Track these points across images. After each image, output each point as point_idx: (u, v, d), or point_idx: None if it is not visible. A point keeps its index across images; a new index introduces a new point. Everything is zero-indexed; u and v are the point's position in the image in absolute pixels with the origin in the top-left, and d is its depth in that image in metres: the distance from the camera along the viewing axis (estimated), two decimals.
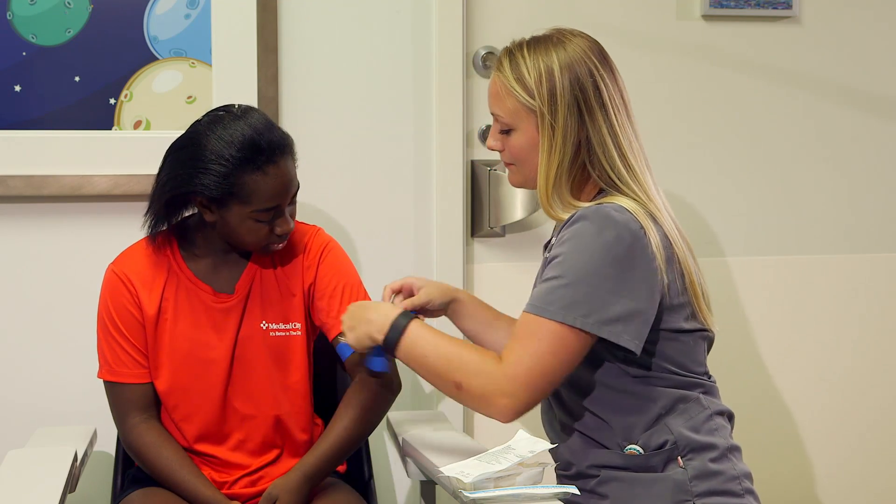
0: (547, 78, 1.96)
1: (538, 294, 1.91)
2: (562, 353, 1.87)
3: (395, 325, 1.94)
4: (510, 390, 1.86)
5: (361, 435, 2.16)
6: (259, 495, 2.15)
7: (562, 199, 1.97)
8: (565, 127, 1.95)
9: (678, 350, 1.96)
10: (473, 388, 1.88)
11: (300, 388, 2.20)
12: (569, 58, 1.97)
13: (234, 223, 2.09)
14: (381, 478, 2.59)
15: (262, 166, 2.05)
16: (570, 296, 1.86)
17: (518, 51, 2.00)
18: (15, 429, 2.48)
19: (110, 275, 2.17)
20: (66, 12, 2.47)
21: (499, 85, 2.01)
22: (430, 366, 1.92)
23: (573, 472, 2.01)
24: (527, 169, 2.02)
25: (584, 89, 1.95)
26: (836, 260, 2.92)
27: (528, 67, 1.97)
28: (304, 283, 2.20)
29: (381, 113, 2.64)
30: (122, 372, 2.15)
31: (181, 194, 2.08)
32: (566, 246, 1.90)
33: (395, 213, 2.67)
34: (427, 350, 1.92)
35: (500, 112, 2.01)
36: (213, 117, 2.09)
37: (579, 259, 1.88)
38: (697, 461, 1.93)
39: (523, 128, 1.99)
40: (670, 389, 1.95)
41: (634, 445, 1.94)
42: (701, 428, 1.95)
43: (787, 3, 2.82)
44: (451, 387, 1.91)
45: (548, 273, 1.92)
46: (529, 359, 1.86)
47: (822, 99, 2.88)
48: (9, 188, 2.47)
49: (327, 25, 2.60)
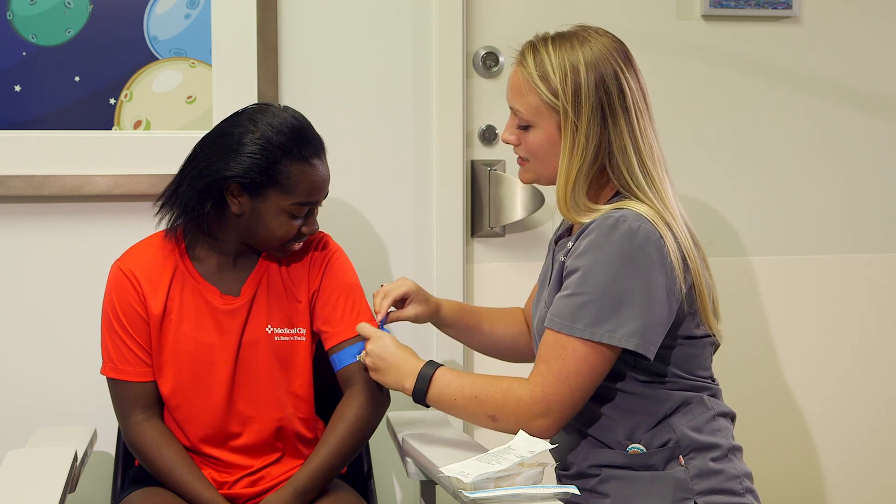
0: (572, 77, 1.92)
1: (562, 311, 1.89)
2: (587, 369, 1.88)
3: (421, 377, 1.99)
4: (541, 411, 1.89)
5: (353, 449, 2.15)
6: (259, 495, 2.15)
7: (579, 202, 1.95)
8: (588, 129, 1.92)
9: (687, 356, 1.96)
10: (508, 418, 1.92)
11: (303, 393, 2.20)
12: (594, 57, 1.94)
13: (268, 215, 2.08)
14: (381, 478, 2.59)
15: (308, 158, 2.08)
16: (596, 312, 1.86)
17: (542, 46, 1.97)
18: (15, 429, 2.48)
19: (116, 272, 2.17)
20: (66, 12, 2.47)
21: (521, 79, 1.97)
22: (462, 408, 1.98)
23: (573, 471, 2.01)
24: (542, 166, 2.00)
25: (609, 91, 1.92)
26: (836, 260, 2.92)
27: (552, 64, 1.94)
28: (310, 288, 2.20)
29: (381, 113, 2.64)
30: (126, 370, 2.15)
31: (216, 181, 2.07)
32: (586, 259, 1.88)
33: (395, 213, 2.67)
34: (455, 394, 1.97)
35: (519, 107, 1.98)
36: (258, 107, 2.12)
37: (601, 273, 1.87)
38: (699, 460, 1.93)
39: (543, 126, 1.96)
40: (677, 392, 1.95)
41: (637, 444, 1.95)
42: (704, 428, 1.95)
43: (787, 3, 2.82)
44: (488, 420, 1.95)
45: (569, 288, 1.90)
46: (556, 380, 1.88)
47: (822, 99, 2.88)
48: (9, 188, 2.47)
49: (327, 25, 2.60)
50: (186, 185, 2.10)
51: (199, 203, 2.09)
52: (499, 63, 2.71)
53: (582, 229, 1.94)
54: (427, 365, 2.00)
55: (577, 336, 1.86)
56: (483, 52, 2.70)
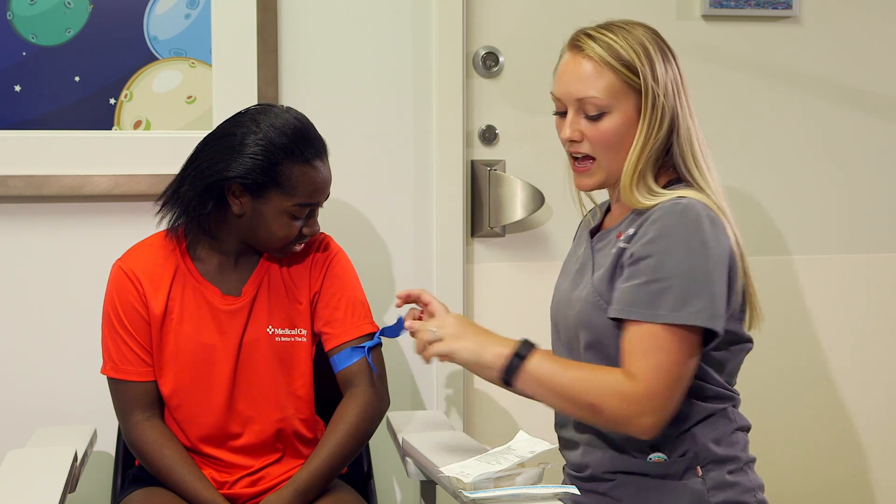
0: (644, 54, 1.90)
1: (640, 300, 1.83)
2: (687, 356, 1.83)
3: (519, 350, 1.88)
4: (652, 408, 1.82)
5: (353, 450, 2.15)
6: (259, 495, 2.15)
7: (646, 184, 1.90)
8: (664, 105, 1.89)
9: (727, 359, 1.94)
10: (613, 409, 1.82)
11: (304, 394, 2.20)
12: (651, 37, 1.93)
13: (269, 215, 2.08)
14: (381, 478, 2.59)
15: (310, 159, 2.08)
16: (678, 296, 1.81)
17: (597, 32, 1.93)
18: (15, 429, 2.48)
19: (117, 271, 2.17)
20: (66, 12, 2.47)
21: (590, 65, 1.91)
22: (560, 388, 1.85)
23: (587, 474, 1.98)
24: (614, 158, 1.93)
25: (674, 69, 1.92)
26: (835, 260, 2.92)
27: (621, 45, 1.90)
28: (311, 290, 2.20)
29: (381, 113, 2.64)
30: (127, 370, 2.15)
31: (218, 182, 2.07)
32: (658, 245, 1.84)
33: (395, 212, 2.67)
34: (555, 372, 1.86)
35: (595, 93, 1.90)
36: (261, 108, 2.13)
37: (677, 258, 1.82)
38: (716, 472, 1.91)
39: (622, 108, 1.91)
40: (705, 403, 1.91)
41: (660, 453, 1.92)
42: (724, 440, 1.93)
43: (787, 3, 2.82)
44: (585, 409, 1.85)
45: (642, 275, 1.84)
46: (660, 372, 1.81)
47: (822, 99, 2.88)
48: (9, 188, 2.47)
49: (327, 25, 2.60)
50: (188, 185, 2.10)
51: (201, 203, 2.09)
52: (499, 63, 2.71)
53: (642, 216, 1.89)
54: (524, 341, 1.89)
55: (662, 322, 1.81)
56: (483, 52, 2.70)
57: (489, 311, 2.74)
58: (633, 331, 1.84)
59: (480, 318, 2.72)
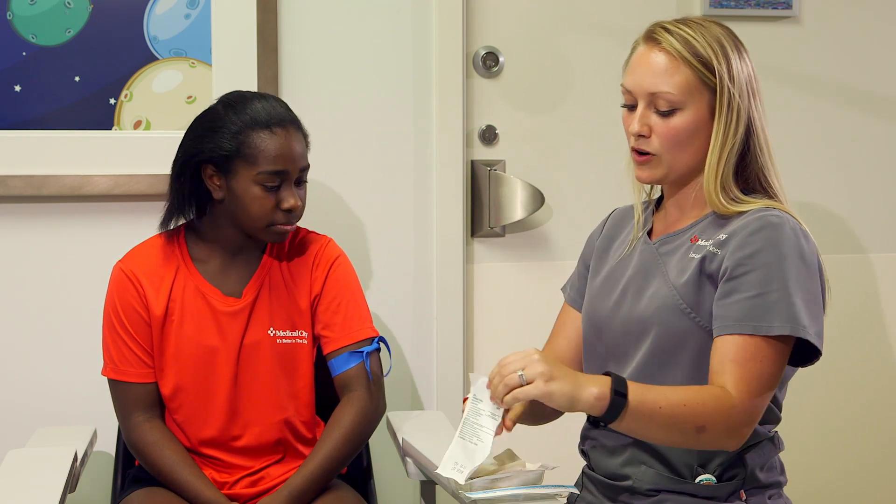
0: (721, 51, 1.83)
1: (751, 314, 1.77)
2: (777, 369, 1.79)
3: (618, 381, 1.73)
4: (749, 420, 1.77)
5: (349, 454, 2.16)
6: (259, 495, 2.15)
7: (731, 189, 1.86)
8: (739, 106, 1.83)
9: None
10: (718, 428, 1.75)
11: (304, 395, 2.20)
12: (727, 34, 1.87)
13: (241, 191, 2.09)
14: (381, 478, 2.59)
15: (270, 126, 2.10)
16: (787, 308, 1.77)
17: (674, 27, 1.86)
18: (15, 429, 2.48)
19: (118, 273, 2.17)
20: (66, 12, 2.47)
21: (666, 59, 1.84)
22: (667, 416, 1.74)
23: (626, 483, 1.91)
24: (679, 157, 1.86)
25: (749, 69, 1.86)
26: (835, 260, 2.92)
27: (698, 41, 1.84)
28: (312, 292, 2.20)
29: (381, 113, 2.64)
30: (128, 371, 2.15)
31: (190, 162, 2.11)
32: (762, 257, 1.79)
33: (395, 213, 2.67)
34: (659, 400, 1.74)
35: (669, 88, 1.83)
36: (234, 93, 2.17)
37: (782, 269, 1.78)
38: (758, 497, 1.87)
39: (695, 106, 1.84)
40: (760, 426, 1.85)
41: (709, 475, 1.86)
42: (767, 466, 1.89)
43: (787, 3, 2.82)
44: (692, 432, 1.75)
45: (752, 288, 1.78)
46: (759, 383, 1.76)
47: (822, 99, 2.88)
48: (9, 188, 2.47)
49: (327, 25, 2.60)
50: (173, 179, 2.14)
51: (188, 194, 2.13)
52: (499, 63, 2.71)
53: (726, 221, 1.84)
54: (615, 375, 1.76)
55: (775, 335, 1.76)
56: (483, 52, 2.70)
57: (489, 311, 2.74)
58: (737, 343, 1.77)
59: (480, 319, 2.72)
